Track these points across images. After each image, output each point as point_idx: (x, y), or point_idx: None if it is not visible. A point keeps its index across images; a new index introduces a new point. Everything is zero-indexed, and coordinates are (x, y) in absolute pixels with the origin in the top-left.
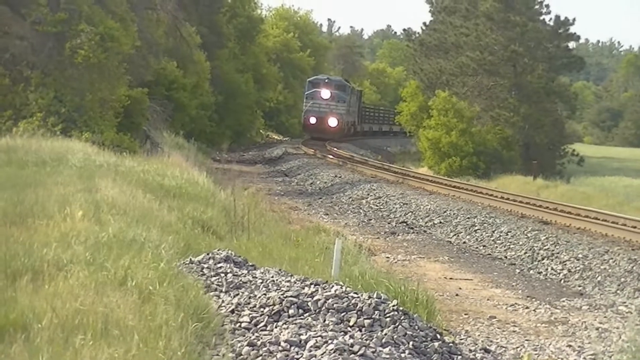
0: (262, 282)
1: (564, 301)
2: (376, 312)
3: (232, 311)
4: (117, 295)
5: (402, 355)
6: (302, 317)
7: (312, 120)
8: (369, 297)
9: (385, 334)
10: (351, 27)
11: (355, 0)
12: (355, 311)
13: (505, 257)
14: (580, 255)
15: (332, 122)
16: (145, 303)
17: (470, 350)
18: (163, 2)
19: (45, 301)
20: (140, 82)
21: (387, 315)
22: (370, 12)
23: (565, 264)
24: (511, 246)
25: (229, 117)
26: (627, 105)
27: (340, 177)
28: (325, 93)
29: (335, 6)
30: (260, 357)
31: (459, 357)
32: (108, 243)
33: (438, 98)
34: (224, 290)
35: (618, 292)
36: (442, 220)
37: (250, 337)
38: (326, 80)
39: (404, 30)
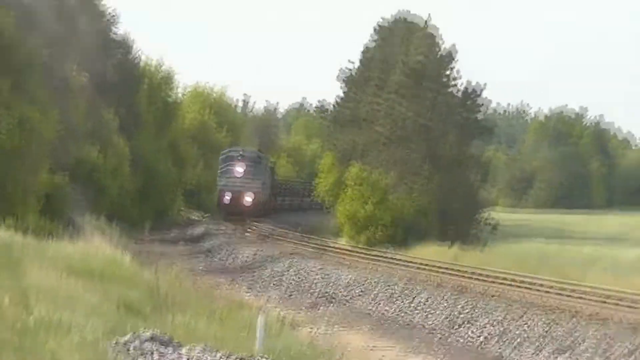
0: None
1: None
2: None
3: None
4: None
5: None
6: None
7: (227, 198)
8: None
9: None
10: (267, 101)
11: (271, 75)
12: None
13: (425, 324)
14: (498, 319)
15: (248, 199)
16: None
17: None
18: (81, 88)
19: None
20: (61, 166)
21: None
22: (286, 86)
23: (483, 329)
24: (430, 313)
25: (150, 197)
26: (538, 169)
27: (261, 252)
28: (240, 169)
29: (252, 80)
30: None
31: None
32: (35, 328)
33: (351, 172)
34: None
35: (535, 354)
36: (362, 291)
37: None
38: (240, 156)
39: (317, 107)
